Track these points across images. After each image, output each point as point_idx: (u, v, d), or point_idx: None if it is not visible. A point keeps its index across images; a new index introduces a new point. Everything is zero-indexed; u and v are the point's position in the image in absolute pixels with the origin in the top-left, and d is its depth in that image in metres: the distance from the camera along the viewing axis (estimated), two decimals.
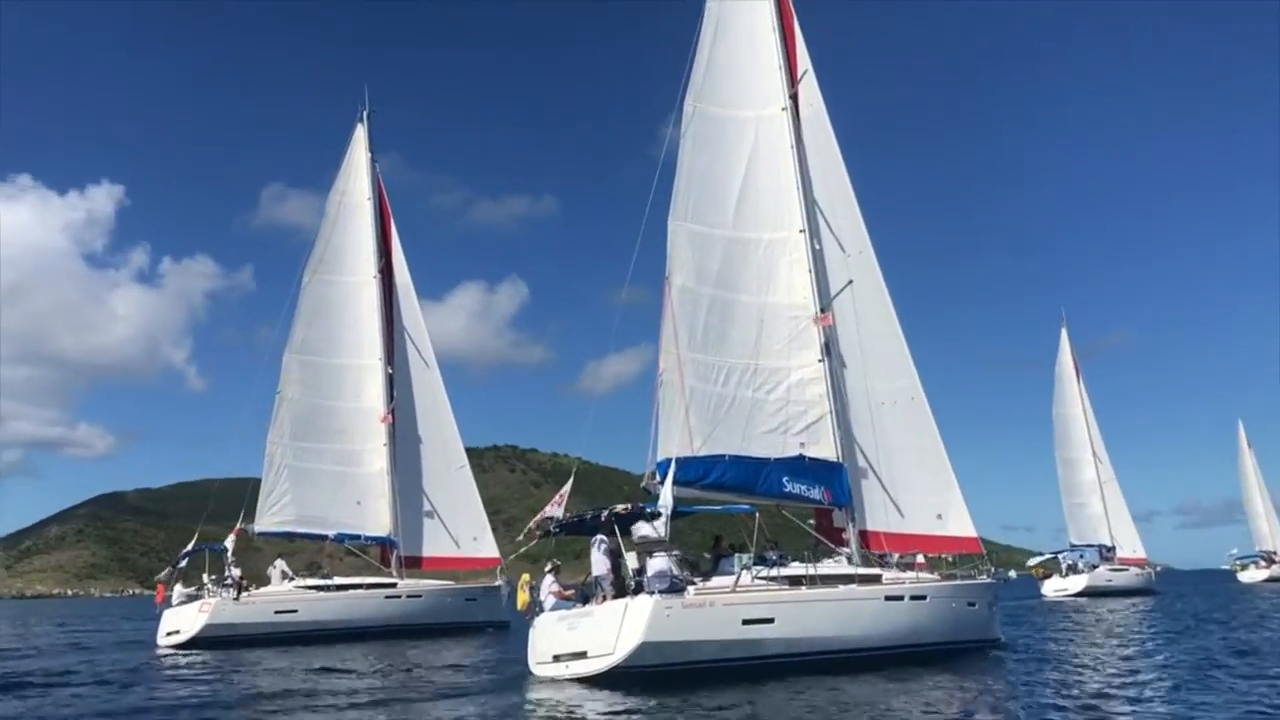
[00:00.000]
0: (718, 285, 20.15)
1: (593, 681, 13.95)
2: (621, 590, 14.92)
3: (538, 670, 15.03)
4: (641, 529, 15.02)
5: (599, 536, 15.49)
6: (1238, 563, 72.16)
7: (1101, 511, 49.06)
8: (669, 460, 17.32)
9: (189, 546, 24.19)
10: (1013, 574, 20.83)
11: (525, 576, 16.94)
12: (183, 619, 22.55)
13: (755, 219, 20.83)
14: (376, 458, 26.86)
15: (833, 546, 19.07)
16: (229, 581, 22.98)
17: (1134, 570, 48.77)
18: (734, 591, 14.64)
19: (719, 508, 16.82)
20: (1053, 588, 47.02)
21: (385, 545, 26.58)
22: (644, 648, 13.66)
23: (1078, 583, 45.85)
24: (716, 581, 15.04)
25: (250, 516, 25.64)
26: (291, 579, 24.60)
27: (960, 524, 19.72)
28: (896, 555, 19.22)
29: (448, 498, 27.09)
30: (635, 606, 13.96)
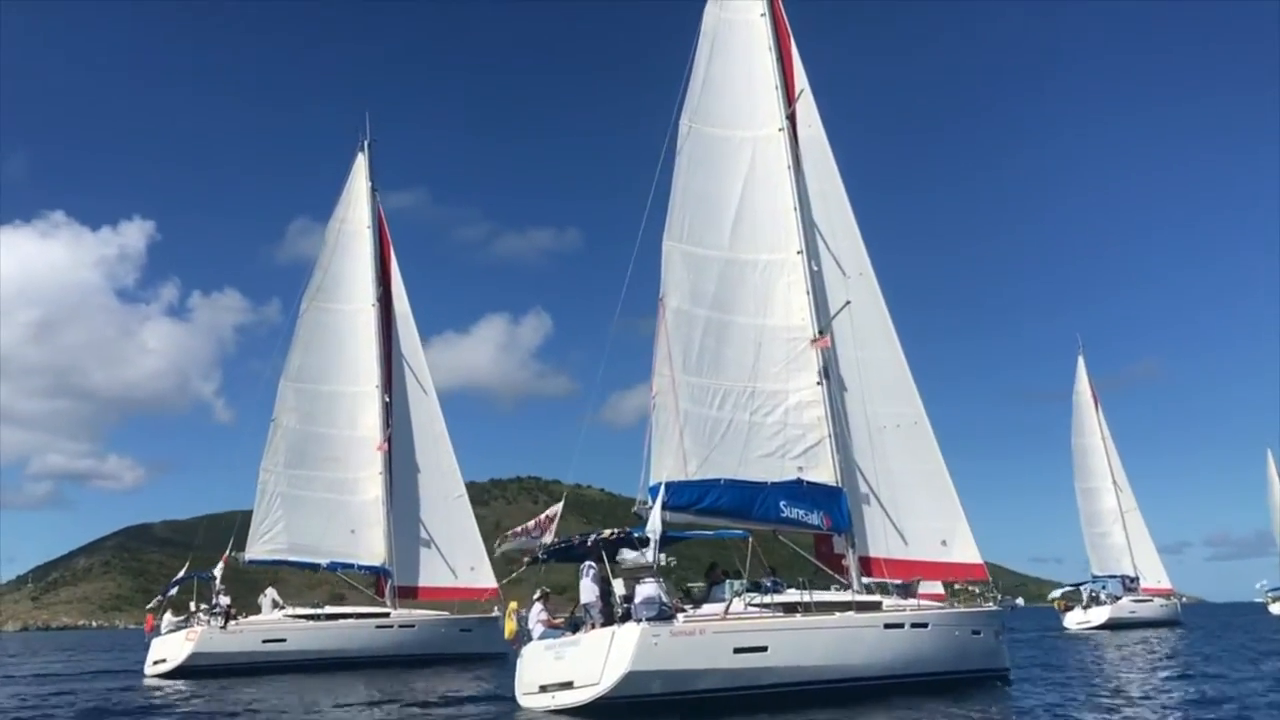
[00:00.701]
0: (714, 307, 19.88)
1: (579, 713, 13.43)
2: (610, 618, 14.43)
3: (524, 701, 14.52)
4: (630, 555, 14.56)
5: (588, 563, 15.05)
6: (1269, 594, 70.28)
7: (1124, 541, 47.64)
8: (661, 484, 16.91)
9: (179, 575, 23.90)
10: (1020, 601, 20.17)
11: (513, 605, 16.46)
12: (169, 648, 22.22)
13: (752, 240, 20.61)
14: (372, 486, 26.53)
15: (833, 574, 18.54)
16: (217, 610, 22.60)
17: (1159, 601, 46.96)
18: (725, 619, 14.11)
19: (711, 533, 16.34)
20: (1074, 620, 45.55)
21: (379, 575, 26.17)
22: (630, 677, 13.15)
23: (1100, 614, 44.35)
24: (707, 609, 14.52)
25: (242, 545, 25.30)
26: (282, 608, 24.21)
27: (965, 550, 19.19)
28: (898, 582, 18.68)
29: (445, 527, 26.70)
30: (622, 634, 13.48)
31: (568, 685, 13.83)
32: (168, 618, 23.26)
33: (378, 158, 30.38)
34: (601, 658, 13.43)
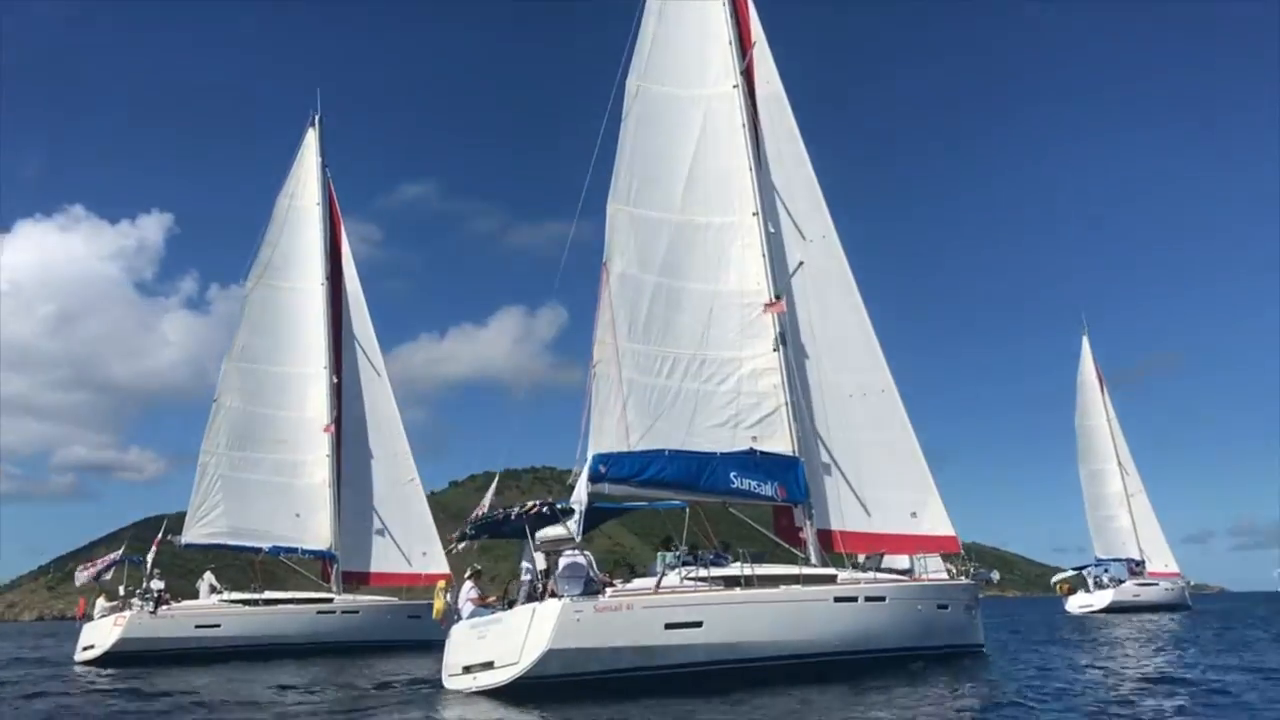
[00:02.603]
0: (663, 272, 18.96)
1: (500, 694, 12.50)
2: (534, 596, 13.49)
3: (449, 683, 13.60)
4: (554, 529, 13.60)
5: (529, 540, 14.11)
6: None
7: (1130, 525, 46.41)
8: (597, 456, 15.98)
9: (113, 556, 22.93)
10: (995, 575, 19.30)
11: (441, 583, 15.58)
12: (98, 634, 21.29)
13: (704, 202, 19.70)
14: (318, 469, 25.52)
15: (790, 548, 17.63)
16: (148, 595, 21.63)
17: (1164, 585, 45.54)
18: (656, 593, 13.17)
19: (646, 504, 15.40)
20: (1077, 604, 44.64)
21: (325, 559, 25.19)
22: (550, 655, 12.22)
23: (1103, 598, 43.34)
24: (637, 583, 13.59)
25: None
26: (220, 592, 23.27)
27: (936, 521, 18.30)
28: (862, 557, 17.77)
29: (397, 512, 25.72)
30: (542, 611, 12.57)
31: (489, 665, 12.91)
32: (100, 603, 22.34)
33: (331, 140, 29.30)
34: (521, 636, 12.51)
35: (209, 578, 23.78)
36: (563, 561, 12.88)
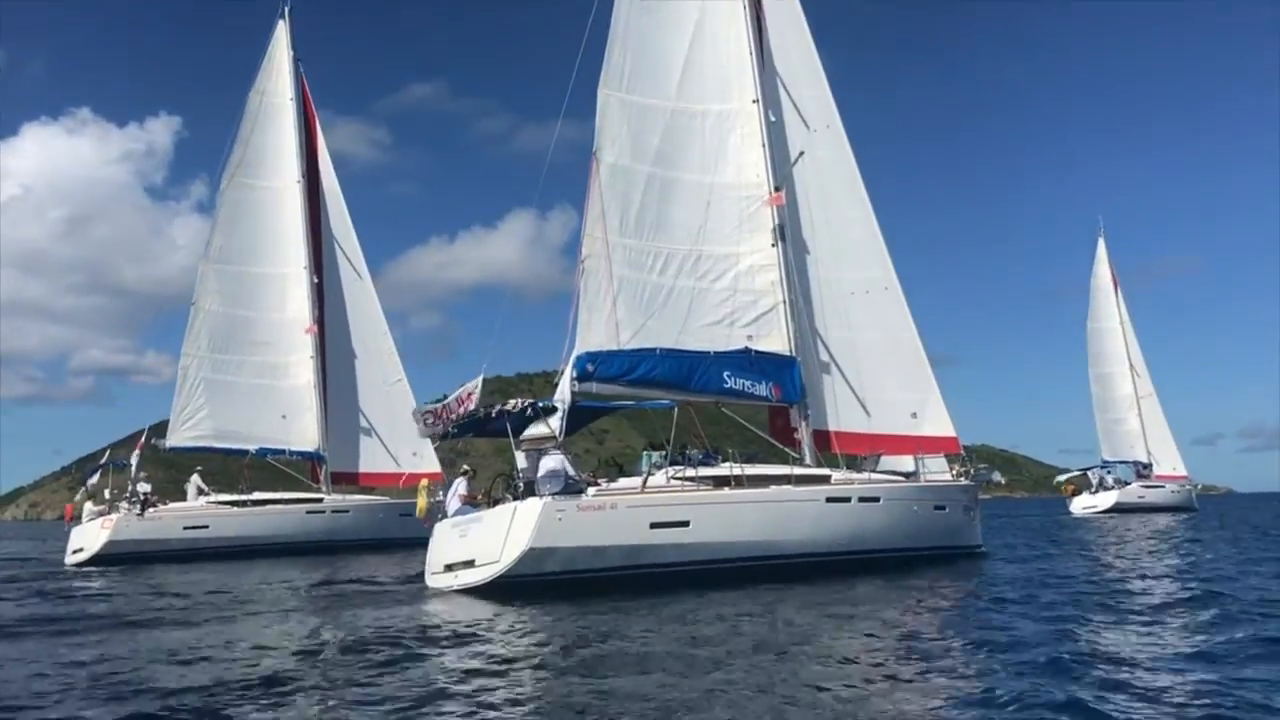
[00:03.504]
0: (657, 163, 17.88)
1: (481, 592, 12.21)
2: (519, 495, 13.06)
3: (431, 581, 13.36)
4: (537, 429, 13.07)
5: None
6: None
7: (1138, 428, 45.75)
8: (585, 355, 15.34)
9: (100, 461, 22.67)
10: (997, 476, 18.95)
11: (424, 481, 15.18)
12: (86, 537, 21.17)
13: (702, 89, 18.45)
14: (303, 370, 24.94)
15: (785, 449, 17.19)
16: (134, 498, 21.42)
17: (1170, 487, 44.98)
18: (641, 493, 12.73)
19: (633, 404, 14.85)
20: (1081, 505, 44.00)
21: (313, 461, 24.92)
22: (532, 554, 11.87)
23: (1107, 499, 42.91)
24: (623, 483, 13.16)
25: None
26: (207, 494, 23.10)
27: (937, 422, 17.85)
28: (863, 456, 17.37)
29: (384, 413, 25.29)
30: (524, 509, 12.17)
31: (470, 564, 12.60)
32: (88, 507, 22.18)
33: (301, 32, 27.54)
34: (502, 535, 12.13)
35: (196, 480, 23.55)
36: (545, 462, 12.40)
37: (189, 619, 10.82)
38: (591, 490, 12.62)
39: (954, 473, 17.46)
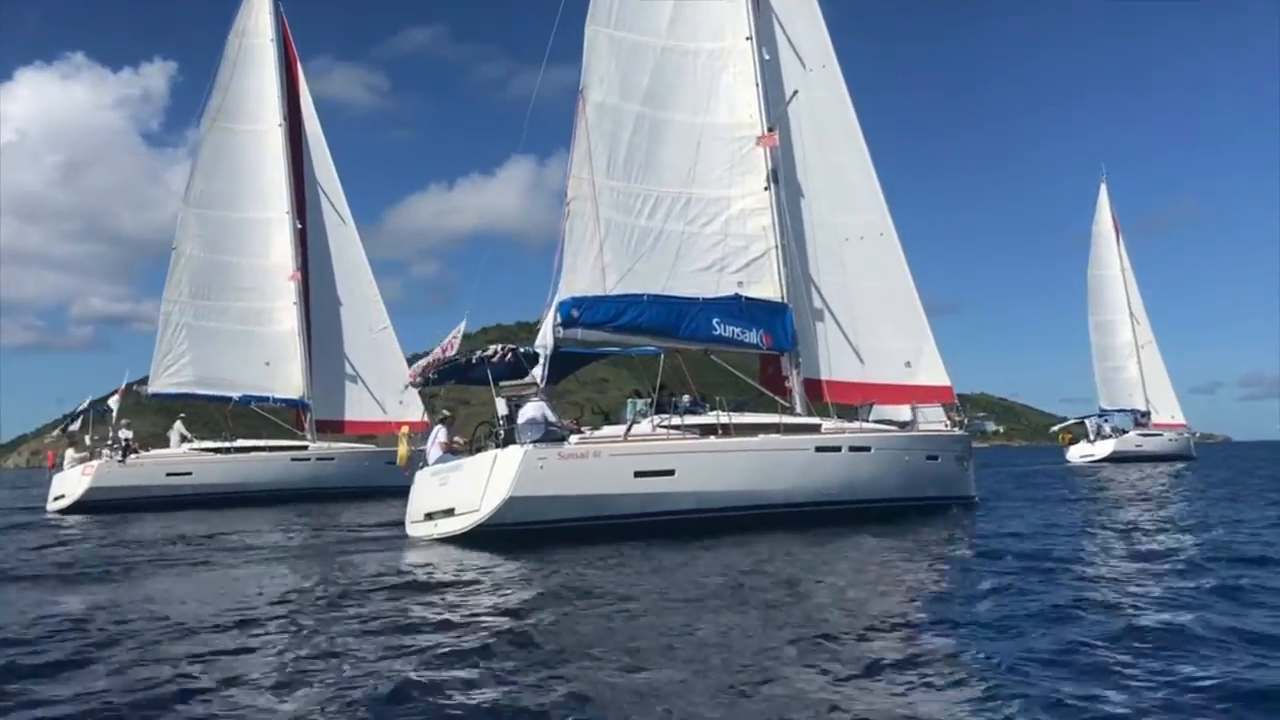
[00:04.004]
0: (646, 102, 17.24)
1: (461, 541, 11.98)
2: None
3: (412, 530, 13.15)
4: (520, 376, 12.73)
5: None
6: None
7: (1137, 376, 45.25)
8: (569, 300, 14.92)
9: (80, 407, 22.38)
10: (991, 425, 18.68)
11: (405, 428, 14.89)
12: (68, 483, 21.00)
13: (694, 26, 17.73)
14: (287, 317, 24.49)
15: (776, 398, 16.88)
16: (115, 444, 21.18)
17: (1167, 435, 44.67)
18: (625, 441, 12.43)
19: (619, 350, 14.48)
20: (1078, 453, 43.68)
21: (297, 408, 24.63)
22: (512, 503, 11.62)
23: (1104, 448, 42.49)
24: (606, 430, 12.86)
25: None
26: (190, 441, 22.86)
27: (932, 371, 17.55)
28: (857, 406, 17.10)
29: (370, 360, 24.94)
30: (504, 458, 11.89)
31: (450, 512, 12.36)
32: (69, 454, 21.96)
33: None
34: (482, 483, 11.86)
35: (179, 427, 23.29)
36: (525, 410, 12.09)
37: (149, 570, 10.60)
38: (574, 438, 12.33)
39: (948, 422, 17.22)
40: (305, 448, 23.66)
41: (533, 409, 12.09)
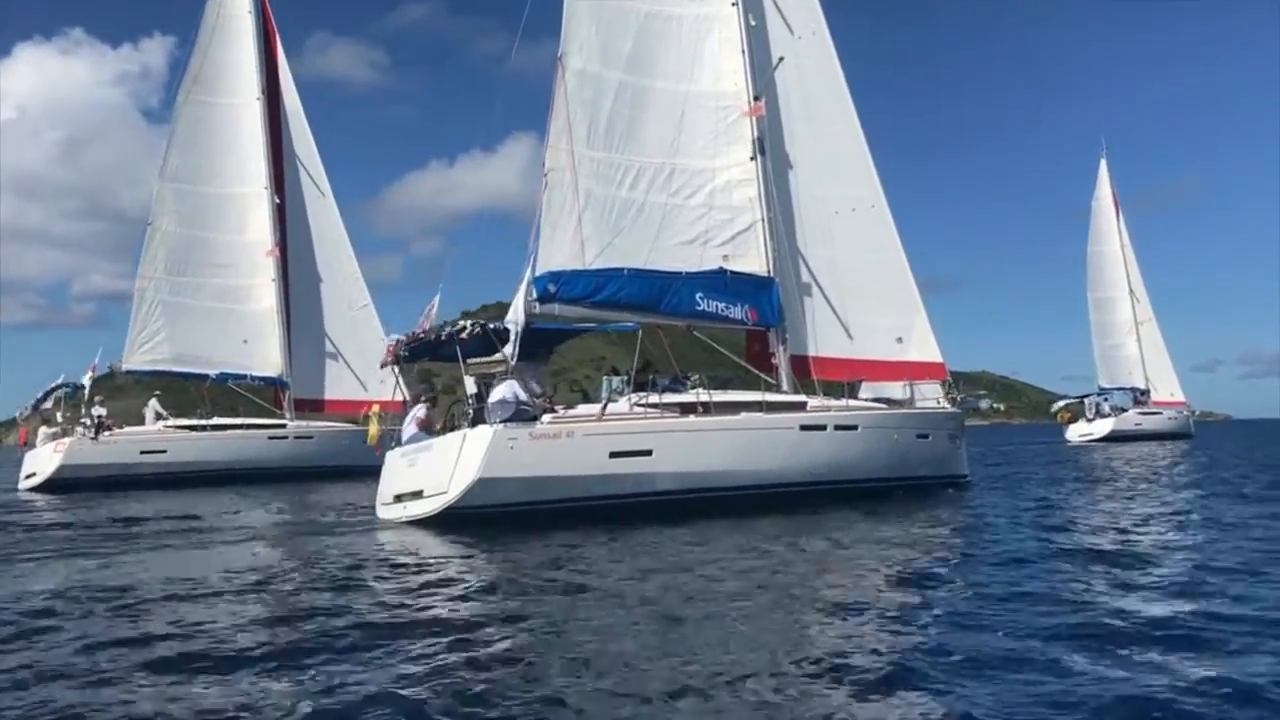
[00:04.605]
0: (629, 70, 16.62)
1: (428, 524, 11.56)
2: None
3: (382, 513, 12.72)
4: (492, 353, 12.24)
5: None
6: None
7: (1137, 353, 44.62)
8: (546, 275, 14.44)
9: (52, 385, 21.91)
10: (985, 402, 18.23)
11: (376, 407, 14.45)
12: (40, 461, 20.64)
13: None
14: (265, 294, 23.98)
15: (762, 375, 16.43)
16: (88, 421, 20.75)
17: (1167, 414, 43.91)
18: (600, 420, 11.97)
19: (595, 326, 14.00)
20: (1077, 433, 43.01)
21: (276, 386, 24.16)
22: (480, 485, 11.19)
23: (1103, 427, 41.89)
24: (582, 409, 12.39)
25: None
26: (165, 418, 22.42)
27: (924, 347, 17.11)
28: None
29: (350, 338, 24.43)
30: (473, 438, 11.44)
31: (419, 495, 11.93)
32: (43, 431, 21.51)
33: None
34: (451, 464, 11.42)
35: (154, 404, 22.87)
36: (496, 389, 11.64)
37: (97, 549, 10.18)
38: (546, 417, 11.87)
39: (941, 399, 16.79)
40: (283, 426, 23.24)
41: (504, 388, 11.63)
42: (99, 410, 21.10)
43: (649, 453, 12.04)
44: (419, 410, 13.55)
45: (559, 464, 11.52)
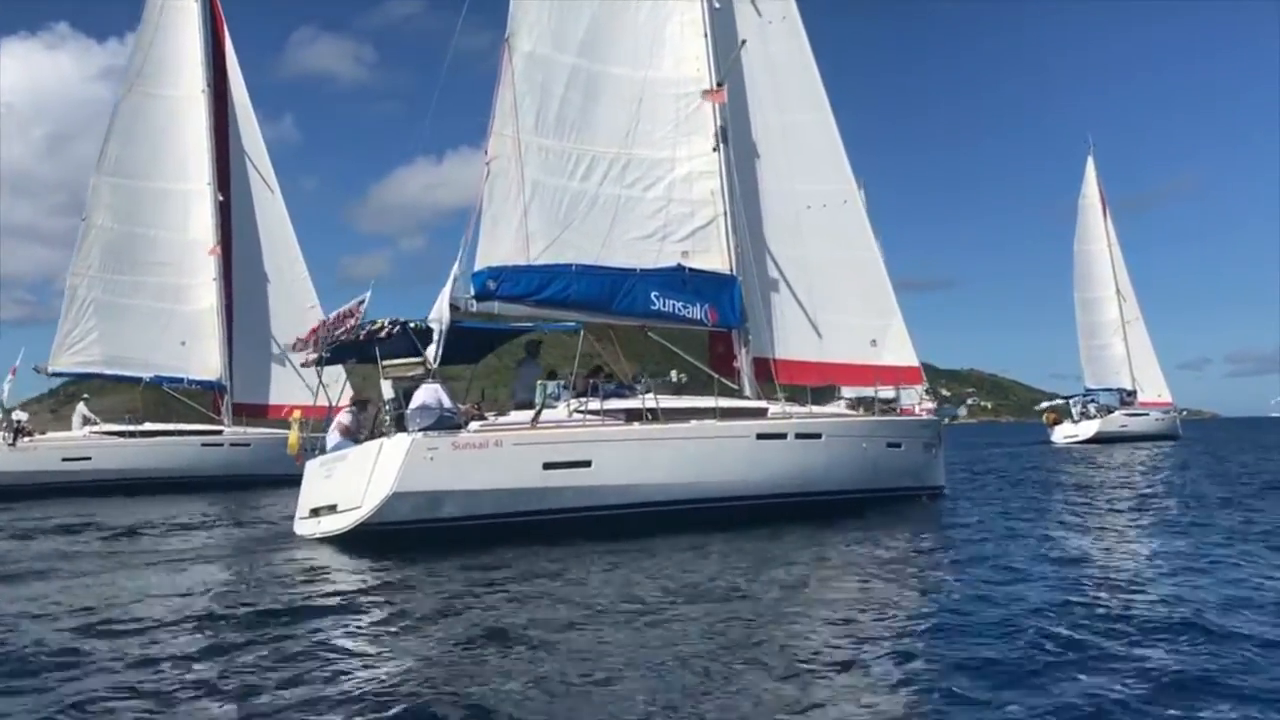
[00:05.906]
0: (582, 54, 15.56)
1: (342, 542, 10.40)
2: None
3: (298, 528, 11.58)
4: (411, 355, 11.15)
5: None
6: None
7: (1124, 353, 44.01)
8: (489, 270, 13.36)
9: None
10: (963, 411, 17.29)
11: (297, 412, 13.30)
12: None
13: None
14: (205, 294, 22.71)
15: (724, 380, 15.37)
16: (5, 426, 19.43)
17: (1154, 414, 43.37)
18: (533, 428, 10.86)
19: (534, 325, 12.92)
20: (1062, 434, 42.38)
21: (214, 390, 22.88)
22: (396, 499, 10.05)
23: (1088, 428, 41.38)
24: (514, 416, 11.28)
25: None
26: (94, 424, 21.13)
27: (900, 351, 16.11)
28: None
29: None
30: (389, 447, 10.30)
31: (333, 509, 10.77)
32: None
33: None
34: (365, 476, 10.27)
35: (82, 408, 21.56)
36: (417, 394, 10.52)
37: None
38: (474, 425, 10.75)
39: (918, 406, 15.81)
40: (220, 432, 21.97)
41: (426, 393, 10.49)
42: (19, 415, 19.84)
43: (588, 464, 10.92)
44: (343, 416, 12.49)
45: (485, 476, 10.39)
